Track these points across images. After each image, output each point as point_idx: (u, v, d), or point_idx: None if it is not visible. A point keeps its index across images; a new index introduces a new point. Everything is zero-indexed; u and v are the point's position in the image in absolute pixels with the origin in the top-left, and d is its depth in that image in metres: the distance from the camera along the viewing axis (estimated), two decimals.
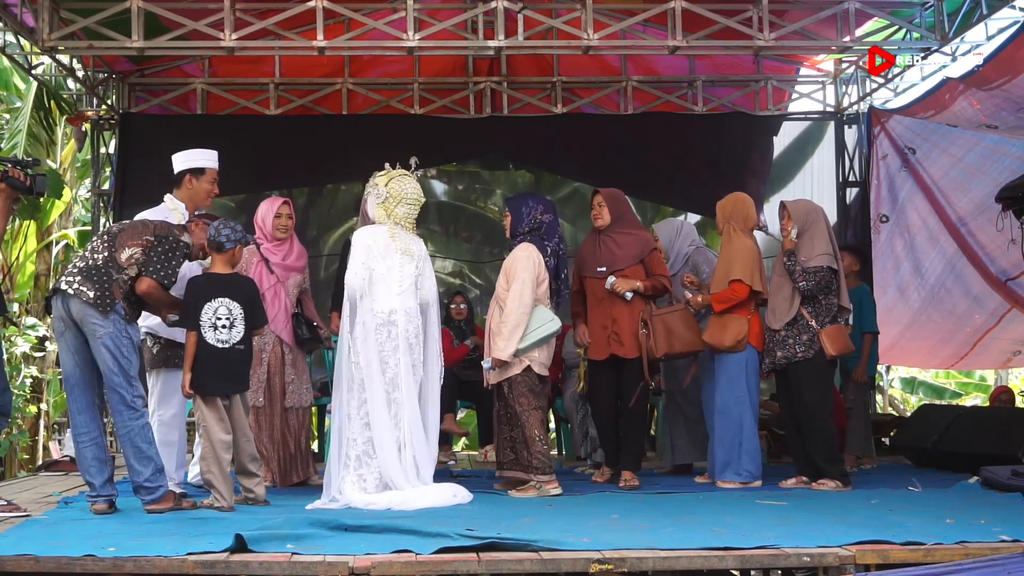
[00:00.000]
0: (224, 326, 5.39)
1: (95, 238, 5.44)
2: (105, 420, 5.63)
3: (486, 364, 6.22)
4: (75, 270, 5.26)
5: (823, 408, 6.35)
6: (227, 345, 5.41)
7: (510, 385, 6.19)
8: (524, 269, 6.14)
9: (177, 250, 5.33)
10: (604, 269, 6.50)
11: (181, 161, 6.02)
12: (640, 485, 6.40)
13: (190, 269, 5.68)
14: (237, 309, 5.44)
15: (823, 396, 6.40)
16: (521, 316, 6.06)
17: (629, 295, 6.40)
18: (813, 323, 6.30)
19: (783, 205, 6.55)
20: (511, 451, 6.31)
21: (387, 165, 6.00)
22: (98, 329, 5.16)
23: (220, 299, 5.41)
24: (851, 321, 7.51)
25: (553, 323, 6.16)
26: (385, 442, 5.64)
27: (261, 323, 5.62)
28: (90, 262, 5.26)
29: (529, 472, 6.16)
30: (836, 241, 6.56)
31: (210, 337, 5.38)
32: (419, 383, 5.83)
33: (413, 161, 6.01)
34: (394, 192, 5.89)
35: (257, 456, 5.66)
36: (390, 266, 5.79)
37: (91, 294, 5.15)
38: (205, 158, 6.02)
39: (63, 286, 5.21)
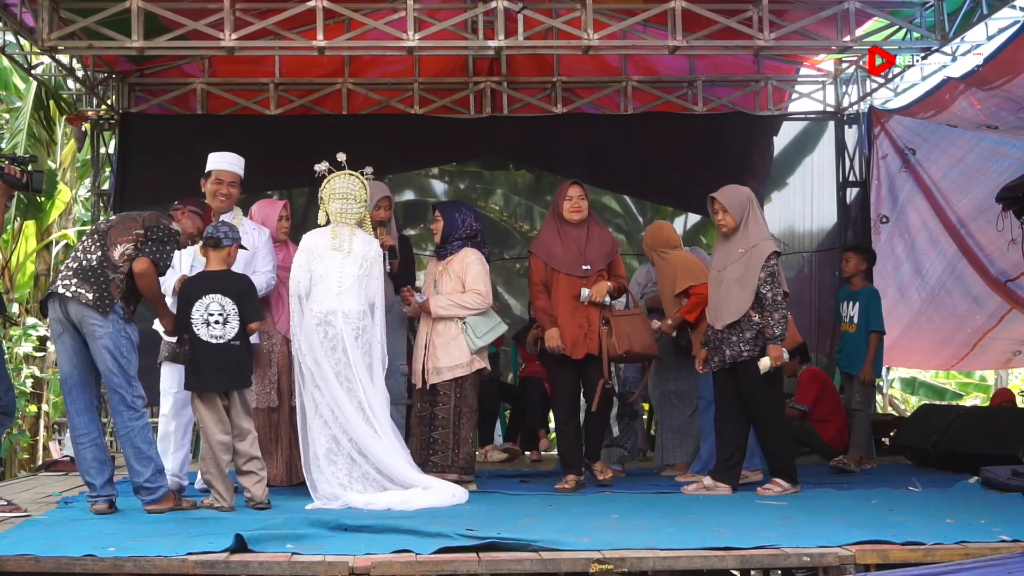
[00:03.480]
0: (217, 322, 5.38)
1: (85, 237, 5.41)
2: (104, 420, 5.62)
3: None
4: (70, 272, 5.23)
5: (778, 405, 6.18)
6: (222, 341, 5.39)
7: (460, 385, 6.24)
8: (484, 272, 6.36)
9: (169, 237, 5.34)
10: (589, 268, 6.41)
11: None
12: (612, 476, 6.51)
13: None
14: (230, 304, 5.42)
15: (776, 392, 6.18)
16: (479, 308, 6.28)
17: (608, 300, 6.41)
18: (756, 318, 5.99)
19: (712, 199, 6.22)
20: (429, 451, 6.30)
21: (316, 167, 5.98)
22: (98, 330, 5.16)
23: (211, 295, 5.40)
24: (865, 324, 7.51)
25: (501, 325, 6.45)
26: (362, 435, 5.65)
27: (255, 318, 5.58)
28: (83, 263, 5.23)
29: (449, 471, 6.19)
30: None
31: (203, 334, 5.38)
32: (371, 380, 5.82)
33: (340, 158, 5.96)
34: (326, 192, 5.97)
35: (256, 455, 5.57)
36: (328, 267, 5.83)
37: (90, 296, 5.14)
38: (213, 160, 6.29)
39: (60, 289, 5.19)
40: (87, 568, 3.98)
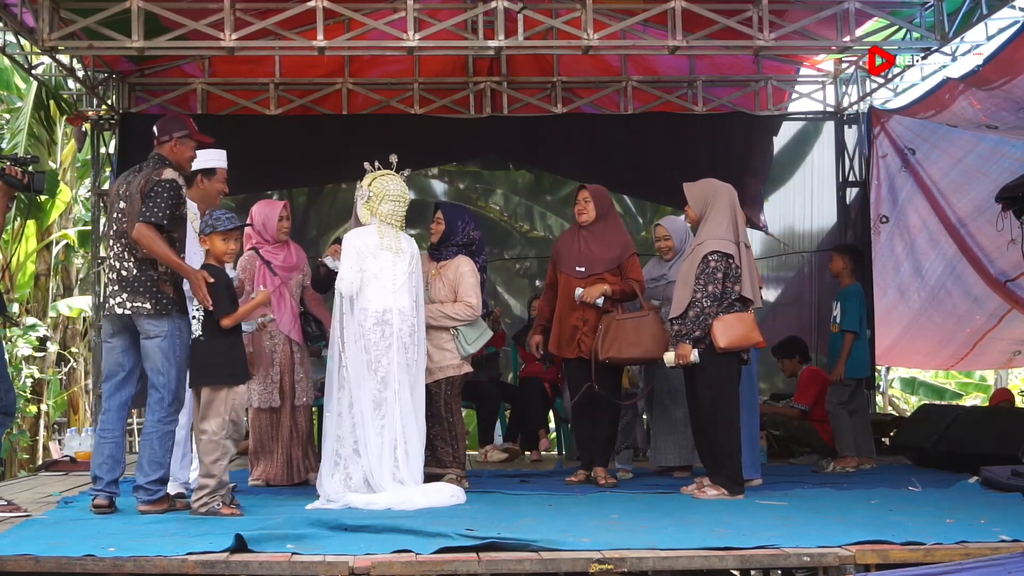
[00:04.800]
0: (195, 317, 5.31)
1: (113, 242, 5.31)
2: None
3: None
4: (116, 287, 5.24)
5: (721, 407, 5.88)
6: (194, 336, 5.32)
7: (449, 384, 6.30)
8: (476, 284, 6.38)
9: (162, 192, 5.18)
10: (583, 269, 6.54)
11: (196, 161, 6.06)
12: (618, 483, 6.53)
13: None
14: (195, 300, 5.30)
15: (719, 391, 5.87)
16: (468, 320, 6.31)
17: (600, 301, 6.44)
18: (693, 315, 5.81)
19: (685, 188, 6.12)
20: (433, 447, 6.36)
21: (367, 165, 6.00)
22: (152, 330, 5.21)
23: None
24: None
25: (488, 332, 6.50)
26: (371, 441, 5.66)
27: (220, 313, 5.23)
28: (123, 273, 5.23)
29: (451, 467, 6.30)
30: (741, 222, 6.05)
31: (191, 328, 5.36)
32: (412, 382, 5.84)
33: (393, 159, 5.99)
34: (377, 190, 5.92)
35: (204, 462, 5.24)
36: (382, 265, 5.81)
37: (148, 306, 5.19)
38: (216, 158, 6.13)
39: (117, 310, 5.22)
40: (87, 568, 3.98)
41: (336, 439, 5.72)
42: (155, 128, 5.47)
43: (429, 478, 6.18)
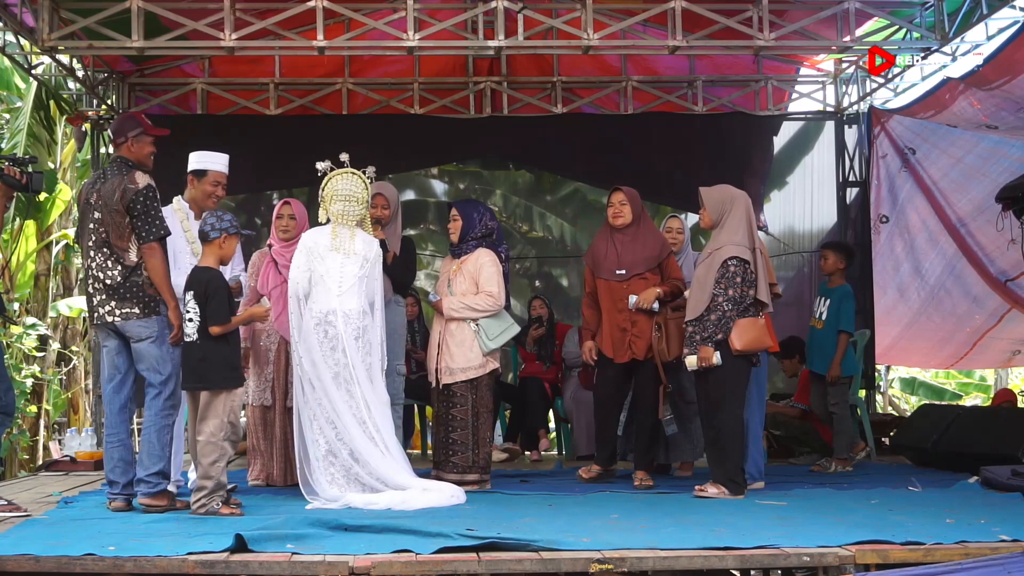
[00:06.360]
0: (190, 320, 5.31)
1: (94, 253, 5.35)
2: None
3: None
4: (103, 296, 5.30)
5: (729, 408, 5.96)
6: (189, 339, 5.32)
7: (475, 386, 6.26)
8: (497, 273, 6.34)
9: (148, 203, 5.28)
10: (624, 272, 6.50)
11: (191, 162, 6.11)
12: (655, 485, 6.45)
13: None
14: (194, 303, 5.29)
15: (730, 393, 5.96)
16: (491, 311, 6.27)
17: (656, 306, 6.42)
18: (713, 318, 5.91)
19: (699, 192, 6.21)
20: (449, 452, 6.32)
21: (318, 165, 5.94)
22: (143, 332, 5.29)
23: (189, 292, 5.32)
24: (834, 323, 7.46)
25: (514, 326, 6.44)
26: (358, 440, 5.63)
27: (213, 320, 5.27)
28: (109, 282, 5.29)
29: (469, 472, 6.25)
30: (755, 228, 6.14)
31: (186, 330, 5.37)
32: (370, 379, 5.79)
33: (343, 157, 5.93)
34: (328, 190, 5.93)
35: (201, 462, 5.25)
36: (329, 267, 5.79)
37: (137, 310, 5.27)
38: (209, 160, 6.09)
39: (108, 318, 5.29)
40: (87, 568, 3.99)
41: (311, 442, 5.69)
42: (110, 130, 5.55)
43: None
